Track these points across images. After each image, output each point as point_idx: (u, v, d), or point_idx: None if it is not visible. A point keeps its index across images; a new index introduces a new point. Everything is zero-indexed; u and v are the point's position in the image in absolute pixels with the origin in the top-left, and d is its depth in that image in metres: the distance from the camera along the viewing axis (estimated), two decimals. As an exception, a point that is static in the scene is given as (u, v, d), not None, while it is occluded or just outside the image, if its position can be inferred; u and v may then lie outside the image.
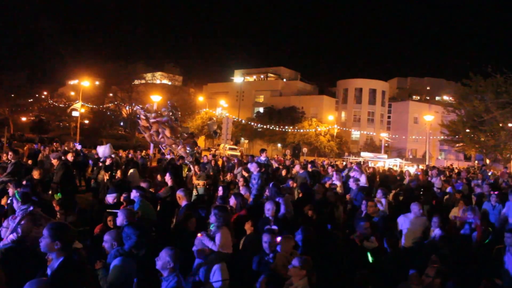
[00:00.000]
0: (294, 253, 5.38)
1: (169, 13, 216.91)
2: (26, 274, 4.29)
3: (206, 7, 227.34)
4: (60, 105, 67.96)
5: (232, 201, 7.84)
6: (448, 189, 12.96)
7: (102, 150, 14.83)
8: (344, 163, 28.35)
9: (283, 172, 14.85)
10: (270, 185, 9.37)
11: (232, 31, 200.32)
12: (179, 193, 7.80)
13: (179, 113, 17.32)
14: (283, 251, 5.31)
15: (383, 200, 8.95)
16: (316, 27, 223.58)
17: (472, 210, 8.27)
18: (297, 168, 14.08)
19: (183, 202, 7.64)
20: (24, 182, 7.70)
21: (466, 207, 8.75)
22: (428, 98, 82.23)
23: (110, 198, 7.97)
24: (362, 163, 30.20)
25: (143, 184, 8.55)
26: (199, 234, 5.50)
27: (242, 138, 68.54)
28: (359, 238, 6.85)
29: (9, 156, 10.61)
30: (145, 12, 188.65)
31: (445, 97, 72.38)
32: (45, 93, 76.02)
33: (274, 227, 6.51)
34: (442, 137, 49.89)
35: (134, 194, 7.40)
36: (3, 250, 4.85)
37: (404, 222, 8.02)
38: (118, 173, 10.78)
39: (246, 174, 11.29)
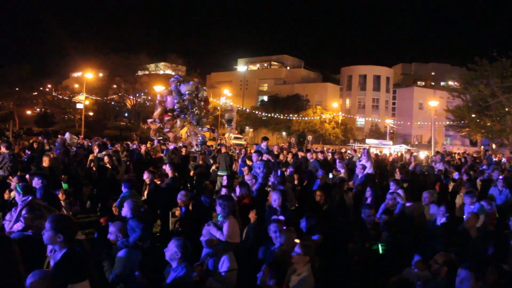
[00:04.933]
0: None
1: (171, 2, 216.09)
2: (32, 263, 4.31)
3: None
4: (65, 98, 68.06)
5: (238, 191, 7.79)
6: (455, 175, 12.87)
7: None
8: (349, 151, 28.18)
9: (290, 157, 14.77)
10: (272, 173, 9.34)
11: (235, 19, 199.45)
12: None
13: (205, 93, 17.17)
14: (286, 244, 5.26)
15: (400, 191, 8.72)
16: (319, 14, 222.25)
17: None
18: (308, 156, 14.02)
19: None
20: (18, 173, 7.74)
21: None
22: (433, 83, 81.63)
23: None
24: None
25: (145, 175, 8.58)
26: (206, 224, 5.48)
27: (247, 127, 68.52)
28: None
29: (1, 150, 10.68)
30: (147, 2, 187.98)
31: (450, 82, 71.82)
32: (49, 86, 75.92)
33: (282, 217, 6.48)
34: (447, 122, 49.67)
35: (123, 187, 7.45)
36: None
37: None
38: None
39: (250, 163, 11.25)
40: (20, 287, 2.99)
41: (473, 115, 40.85)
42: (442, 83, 78.75)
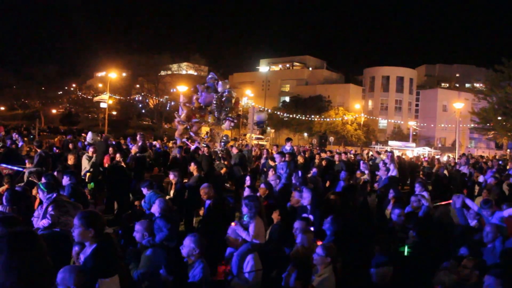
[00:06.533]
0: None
1: (194, 3, 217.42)
2: (60, 259, 4.38)
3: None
4: (89, 97, 69.18)
5: (262, 189, 7.80)
6: (480, 179, 12.64)
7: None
8: (371, 153, 27.96)
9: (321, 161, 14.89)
10: (294, 174, 9.33)
11: (257, 20, 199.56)
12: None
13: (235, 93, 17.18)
14: (301, 245, 5.25)
15: (425, 193, 8.58)
16: (341, 14, 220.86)
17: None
18: (336, 158, 14.24)
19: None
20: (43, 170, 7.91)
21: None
22: (457, 85, 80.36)
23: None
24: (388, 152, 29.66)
25: (171, 174, 8.63)
26: (232, 224, 5.51)
27: (268, 128, 68.45)
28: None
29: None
30: (170, 3, 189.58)
31: (476, 84, 70.48)
32: (74, 85, 77.38)
33: (311, 216, 6.46)
34: (472, 125, 48.69)
35: (143, 189, 7.32)
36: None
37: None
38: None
39: (272, 164, 11.25)
40: (48, 279, 3.02)
41: (499, 118, 40.00)
42: (467, 85, 77.44)
